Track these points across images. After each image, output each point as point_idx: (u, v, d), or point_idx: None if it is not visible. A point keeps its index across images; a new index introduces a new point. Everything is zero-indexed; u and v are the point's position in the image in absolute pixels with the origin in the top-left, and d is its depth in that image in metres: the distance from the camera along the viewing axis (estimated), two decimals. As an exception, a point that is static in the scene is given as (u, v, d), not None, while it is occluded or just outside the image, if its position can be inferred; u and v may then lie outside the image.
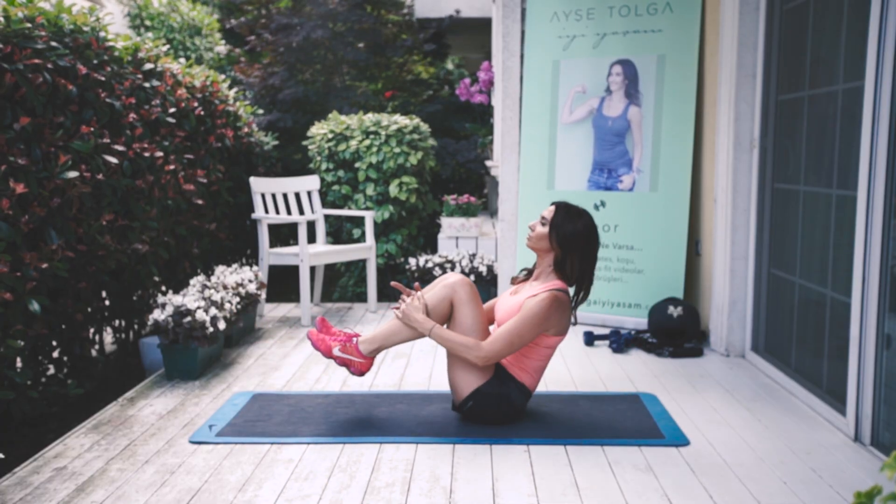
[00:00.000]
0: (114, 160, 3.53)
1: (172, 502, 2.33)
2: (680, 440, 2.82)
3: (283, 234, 6.37)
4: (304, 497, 2.37)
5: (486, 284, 5.11)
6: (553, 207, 2.97)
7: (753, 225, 3.88)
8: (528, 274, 3.10)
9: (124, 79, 3.87)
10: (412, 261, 5.23)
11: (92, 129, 3.42)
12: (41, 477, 2.51)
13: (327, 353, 2.97)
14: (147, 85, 4.08)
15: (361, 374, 2.99)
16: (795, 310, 3.50)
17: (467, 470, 2.56)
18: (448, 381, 3.01)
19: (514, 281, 3.14)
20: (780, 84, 3.69)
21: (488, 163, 6.76)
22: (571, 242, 2.90)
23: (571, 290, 3.00)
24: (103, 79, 3.59)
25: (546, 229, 2.94)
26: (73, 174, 3.18)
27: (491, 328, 3.05)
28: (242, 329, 4.32)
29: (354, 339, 2.99)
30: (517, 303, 2.92)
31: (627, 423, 2.99)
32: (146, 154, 3.89)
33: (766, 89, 3.77)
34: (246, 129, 5.67)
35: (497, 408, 2.91)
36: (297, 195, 5.41)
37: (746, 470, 2.58)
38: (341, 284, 5.94)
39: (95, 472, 2.55)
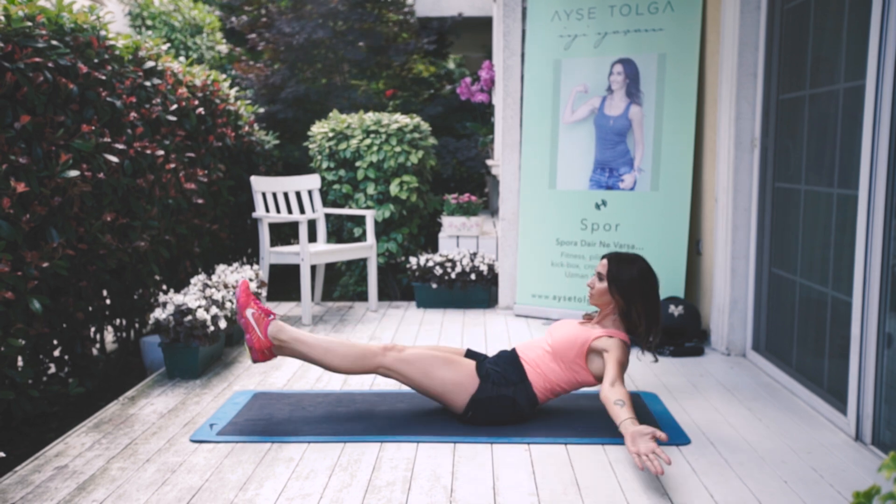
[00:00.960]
0: (115, 159, 3.53)
1: (173, 501, 2.33)
2: (681, 439, 2.82)
3: (284, 233, 6.38)
4: (305, 496, 2.37)
5: (486, 284, 5.11)
6: (605, 260, 3.02)
7: (754, 224, 3.88)
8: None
9: (125, 78, 3.87)
10: (413, 260, 5.23)
11: (93, 127, 3.42)
12: (42, 476, 2.51)
13: (242, 308, 2.98)
14: (148, 84, 4.08)
15: (253, 348, 2.96)
16: (796, 309, 3.50)
17: (468, 469, 2.56)
18: (442, 404, 3.00)
19: (584, 316, 3.17)
20: (780, 83, 3.69)
21: (489, 162, 6.76)
22: (631, 290, 2.94)
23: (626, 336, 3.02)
24: (104, 78, 3.60)
25: (605, 284, 2.98)
26: (73, 173, 3.18)
27: (549, 340, 3.02)
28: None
29: (272, 316, 3.01)
30: (585, 336, 2.93)
31: (628, 422, 2.99)
32: (147, 153, 3.90)
33: (767, 88, 3.77)
34: (246, 128, 5.67)
35: (498, 407, 2.90)
36: (298, 194, 5.41)
37: (747, 469, 2.58)
38: (342, 283, 5.94)
39: (96, 470, 2.55)
